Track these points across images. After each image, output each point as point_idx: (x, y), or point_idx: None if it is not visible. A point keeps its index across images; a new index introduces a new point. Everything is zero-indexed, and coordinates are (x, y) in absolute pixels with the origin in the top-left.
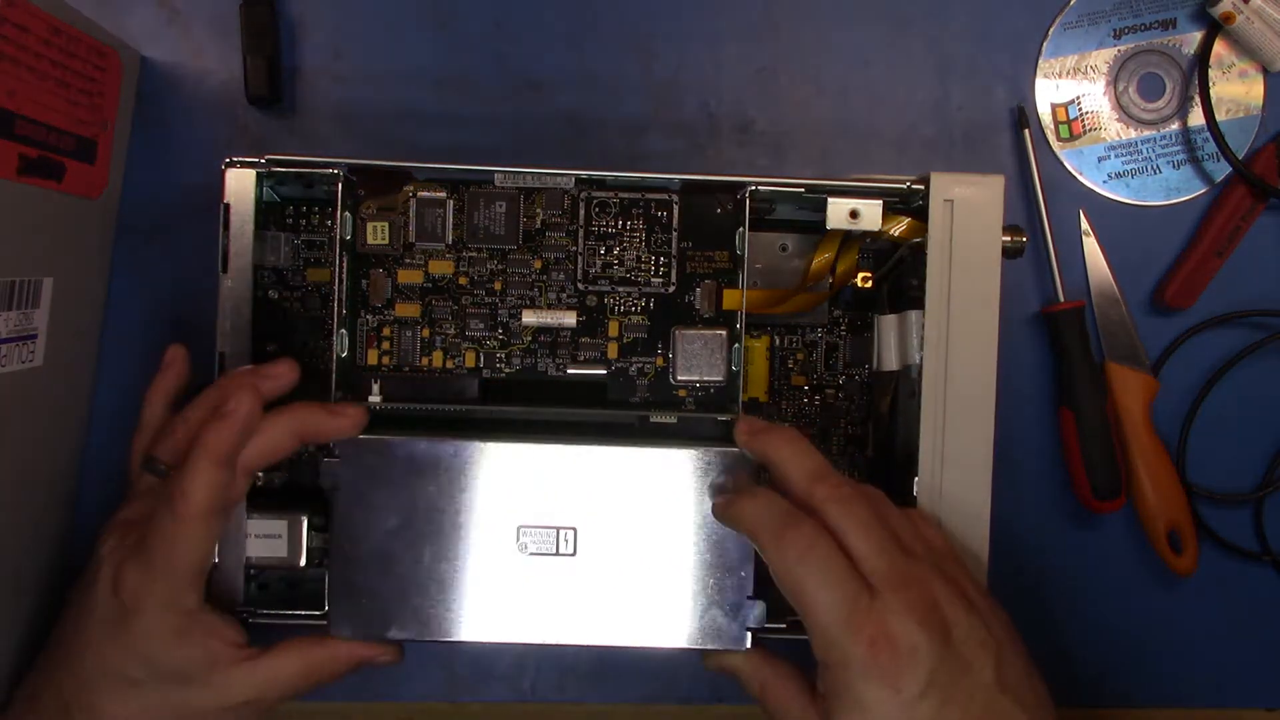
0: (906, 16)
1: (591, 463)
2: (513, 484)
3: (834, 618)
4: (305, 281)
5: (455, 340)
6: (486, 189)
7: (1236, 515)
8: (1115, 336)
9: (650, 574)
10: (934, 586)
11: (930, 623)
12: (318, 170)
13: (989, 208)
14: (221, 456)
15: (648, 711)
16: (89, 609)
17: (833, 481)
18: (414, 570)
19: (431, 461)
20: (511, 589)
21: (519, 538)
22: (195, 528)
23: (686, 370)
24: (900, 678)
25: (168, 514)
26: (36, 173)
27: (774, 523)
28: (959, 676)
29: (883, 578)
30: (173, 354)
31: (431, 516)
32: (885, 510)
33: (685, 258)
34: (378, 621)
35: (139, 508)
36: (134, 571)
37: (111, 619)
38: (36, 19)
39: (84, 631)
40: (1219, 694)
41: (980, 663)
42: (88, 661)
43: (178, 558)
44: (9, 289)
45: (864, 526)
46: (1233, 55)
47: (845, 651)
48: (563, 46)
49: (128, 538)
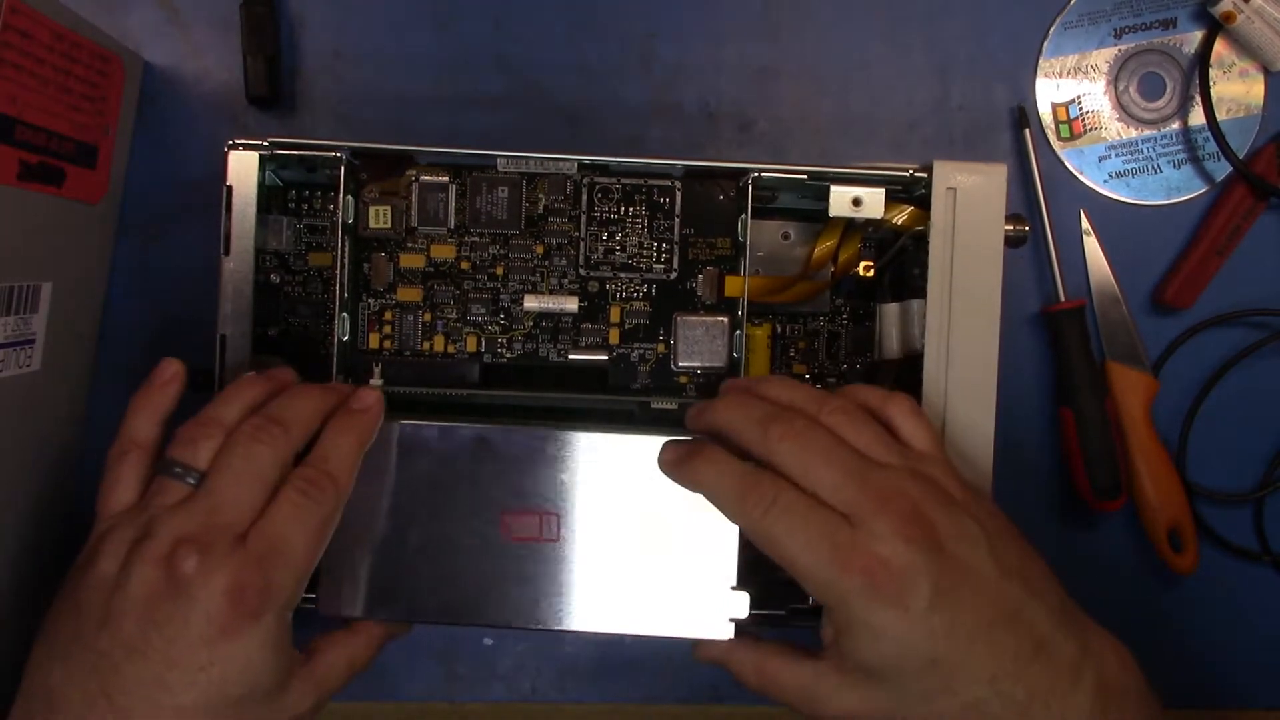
0: (906, 16)
1: (579, 449)
2: (500, 468)
3: (818, 559)
4: (307, 265)
5: (457, 325)
6: (489, 174)
7: (1236, 515)
8: (1115, 336)
9: (635, 561)
10: (910, 495)
11: (916, 535)
12: (320, 154)
13: (992, 196)
14: (364, 447)
15: (648, 711)
16: (157, 645)
17: (783, 420)
18: (401, 552)
19: (420, 444)
20: (496, 574)
21: (504, 522)
22: (337, 514)
23: (688, 356)
24: (904, 595)
25: (307, 504)
26: (36, 178)
27: (734, 486)
28: (961, 578)
29: (855, 504)
30: (172, 371)
31: (421, 500)
32: (852, 424)
33: (687, 244)
34: (365, 602)
35: (179, 522)
36: (253, 575)
37: (209, 639)
38: (39, 25)
39: (147, 666)
40: (1219, 694)
41: (976, 557)
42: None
43: (313, 550)
44: (7, 294)
45: (823, 456)
46: (1233, 55)
47: (841, 588)
48: (562, 46)
49: (187, 553)
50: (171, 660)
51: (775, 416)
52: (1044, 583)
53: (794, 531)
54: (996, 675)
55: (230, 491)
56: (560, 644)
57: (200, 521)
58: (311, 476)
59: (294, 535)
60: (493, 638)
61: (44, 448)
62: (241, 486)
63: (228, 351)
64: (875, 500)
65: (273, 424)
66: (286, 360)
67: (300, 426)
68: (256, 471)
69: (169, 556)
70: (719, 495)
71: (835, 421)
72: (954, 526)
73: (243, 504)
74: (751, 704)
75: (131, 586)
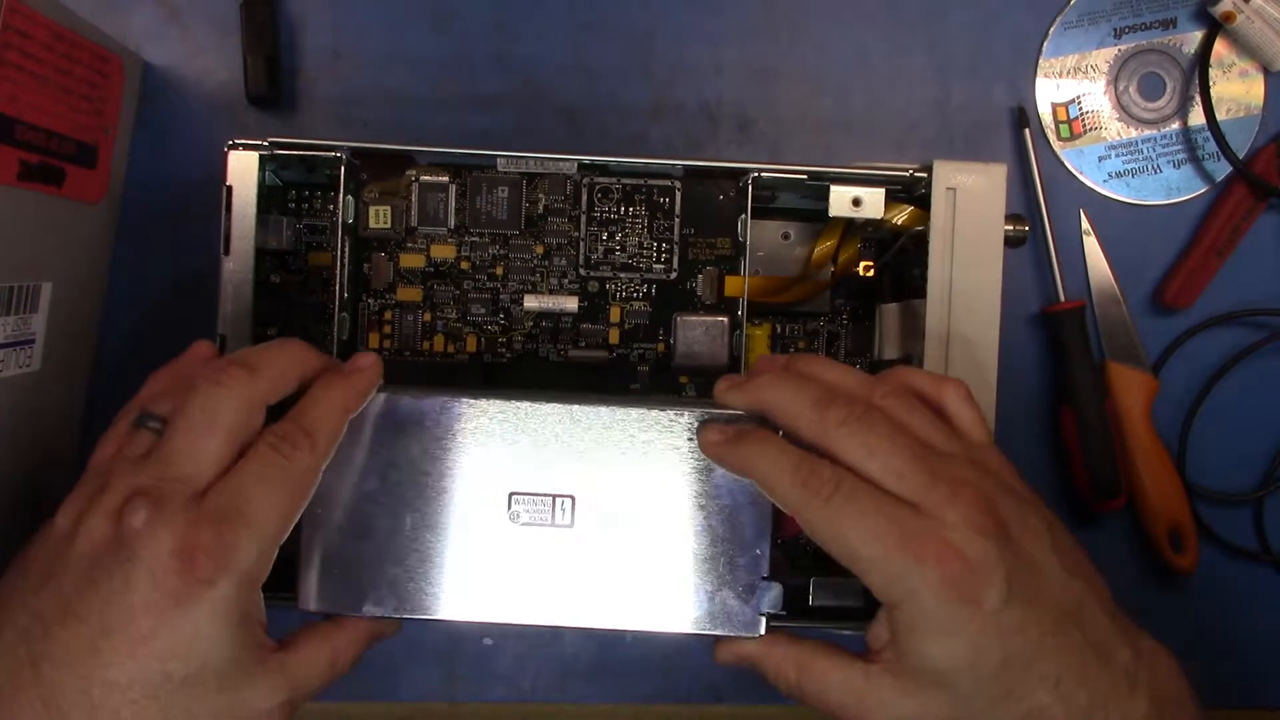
0: (906, 16)
1: (593, 424)
2: (505, 446)
3: (885, 549)
4: (307, 265)
5: (456, 325)
6: (489, 174)
7: (1236, 515)
8: (1115, 336)
9: (654, 550)
10: (979, 485)
11: (989, 526)
12: (320, 154)
13: (991, 196)
14: (349, 411)
15: (648, 711)
16: (100, 595)
17: (840, 404)
18: (393, 539)
19: (415, 418)
20: (500, 562)
21: (510, 505)
22: (312, 477)
23: (688, 357)
24: (978, 590)
25: (277, 460)
26: (37, 178)
27: (791, 473)
28: (1030, 573)
29: (924, 492)
30: (206, 348)
31: (414, 479)
32: (908, 409)
33: (687, 244)
34: (351, 596)
35: (135, 473)
36: (207, 536)
37: (152, 605)
38: (39, 25)
39: (80, 622)
40: (1219, 694)
41: (1042, 552)
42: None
43: (281, 514)
44: (7, 294)
45: (888, 442)
46: (1233, 55)
47: (909, 580)
48: (562, 46)
49: (136, 506)
50: (107, 626)
51: (832, 400)
52: (1099, 581)
53: (860, 520)
54: (1062, 677)
55: (185, 439)
56: (560, 644)
57: (154, 473)
58: (285, 432)
59: (259, 495)
60: (493, 637)
61: (44, 448)
62: (198, 434)
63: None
64: (944, 488)
65: (235, 366)
66: None
67: (270, 374)
68: (213, 418)
69: (119, 509)
70: (774, 481)
71: (891, 406)
72: (1020, 519)
73: (200, 455)
74: (752, 704)
75: (78, 542)
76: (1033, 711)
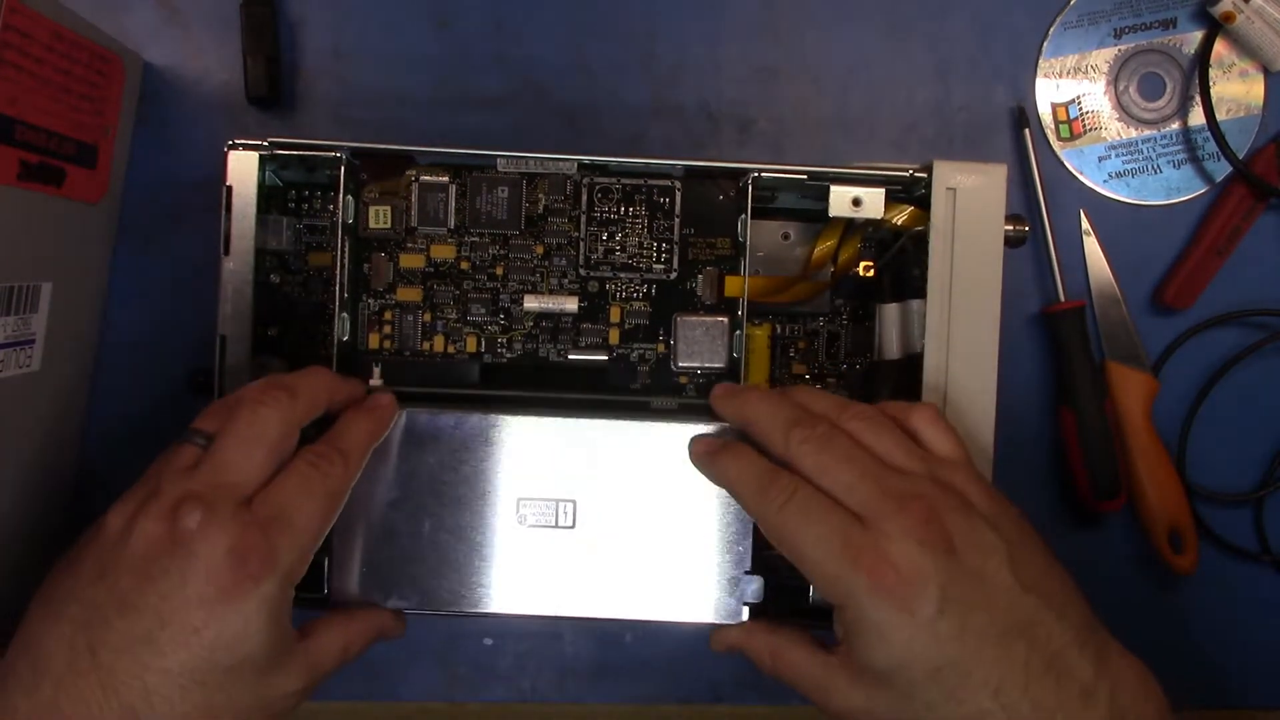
0: (906, 16)
1: (592, 437)
2: (513, 457)
3: (827, 554)
4: (307, 266)
5: (457, 325)
6: (489, 174)
7: (1236, 515)
8: (1115, 336)
9: (647, 548)
10: (927, 499)
11: (930, 539)
12: (320, 154)
13: (991, 196)
14: (375, 438)
15: (648, 712)
16: (162, 590)
17: (806, 424)
18: (414, 542)
19: (432, 434)
20: (510, 561)
21: (518, 509)
22: (345, 491)
23: (688, 357)
24: (912, 600)
25: (315, 475)
26: (37, 178)
27: (755, 481)
28: (974, 586)
29: (870, 505)
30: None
31: (432, 489)
32: (874, 430)
33: (687, 244)
34: (377, 592)
35: (186, 481)
36: (257, 538)
37: (205, 600)
38: (39, 25)
39: (139, 618)
40: (1219, 694)
41: (992, 567)
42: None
43: (318, 523)
44: (8, 294)
45: (843, 459)
46: (1233, 55)
47: (848, 585)
48: (562, 46)
49: (191, 508)
50: (164, 618)
51: (799, 420)
52: (1065, 600)
53: (807, 526)
54: (1002, 686)
55: (233, 451)
56: (560, 644)
57: (205, 481)
58: (322, 451)
59: (300, 505)
60: (492, 638)
61: (44, 448)
62: (246, 447)
63: (228, 352)
64: (890, 502)
65: (278, 388)
66: (286, 360)
67: (307, 397)
68: (260, 433)
69: (173, 511)
70: (741, 488)
71: (856, 427)
72: (970, 534)
73: (247, 466)
74: (751, 704)
75: (133, 541)
76: (976, 715)
